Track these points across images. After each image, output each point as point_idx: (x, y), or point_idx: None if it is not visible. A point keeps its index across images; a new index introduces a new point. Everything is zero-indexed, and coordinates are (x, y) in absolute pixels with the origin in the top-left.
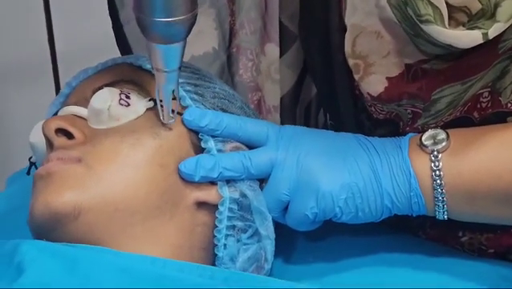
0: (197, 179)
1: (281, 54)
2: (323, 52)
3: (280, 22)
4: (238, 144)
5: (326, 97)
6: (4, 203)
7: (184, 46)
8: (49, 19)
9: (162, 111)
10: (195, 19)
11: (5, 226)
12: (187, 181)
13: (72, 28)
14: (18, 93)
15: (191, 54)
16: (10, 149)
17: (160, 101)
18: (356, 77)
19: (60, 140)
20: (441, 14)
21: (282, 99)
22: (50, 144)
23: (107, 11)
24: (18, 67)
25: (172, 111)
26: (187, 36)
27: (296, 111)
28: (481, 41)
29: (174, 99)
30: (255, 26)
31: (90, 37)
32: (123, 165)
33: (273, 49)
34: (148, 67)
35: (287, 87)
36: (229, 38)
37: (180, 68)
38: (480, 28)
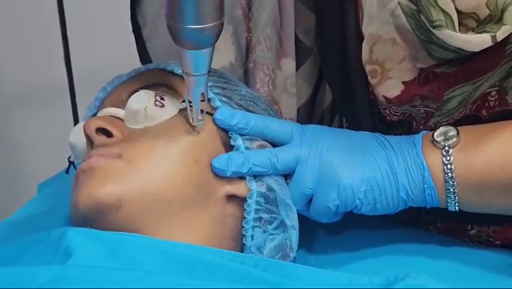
0: (228, 174)
1: (297, 68)
2: (341, 60)
3: (295, 37)
4: (264, 143)
5: (343, 102)
6: (38, 206)
7: (212, 52)
8: (66, 43)
9: (191, 113)
10: (222, 26)
11: (41, 226)
12: (219, 175)
13: (89, 52)
14: (35, 116)
15: None
16: (26, 172)
17: (190, 103)
18: (373, 82)
19: (100, 139)
20: (452, 20)
21: (298, 110)
22: (90, 143)
23: (123, 35)
24: (35, 90)
25: (202, 112)
26: (215, 42)
27: (311, 121)
28: (490, 43)
29: (203, 101)
30: (271, 42)
31: (106, 61)
32: (160, 160)
33: (289, 63)
34: (179, 71)
35: (303, 100)
36: (245, 53)
37: (208, 72)
38: (488, 32)
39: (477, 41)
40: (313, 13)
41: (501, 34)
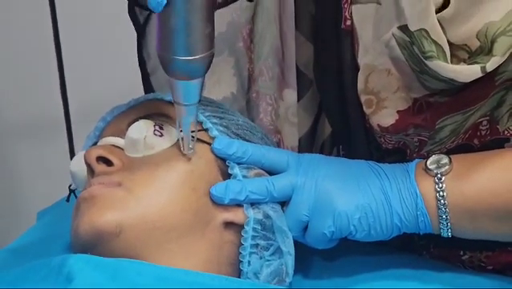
0: (226, 201)
1: (298, 99)
2: (337, 89)
3: (297, 69)
4: (261, 171)
5: (339, 131)
6: (37, 234)
7: (202, 82)
8: (62, 76)
9: (183, 141)
10: (212, 57)
11: (41, 254)
12: (217, 203)
13: (85, 85)
14: (32, 150)
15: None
16: (22, 205)
17: (181, 132)
18: (368, 111)
19: (100, 167)
20: (444, 52)
21: (299, 140)
22: (91, 171)
23: (119, 68)
24: (32, 124)
25: (193, 139)
26: (205, 73)
27: (312, 151)
28: (480, 74)
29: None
30: (273, 73)
31: (101, 94)
32: (159, 188)
33: (290, 94)
34: None
35: (304, 130)
36: (248, 83)
37: (199, 102)
38: (479, 63)
39: (468, 72)
40: (313, 44)
41: (490, 65)
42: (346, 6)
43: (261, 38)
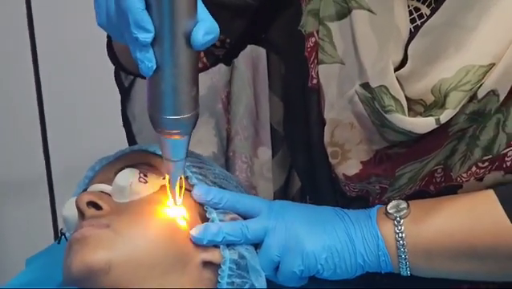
0: (204, 242)
1: (273, 156)
2: (305, 143)
3: (271, 127)
4: (236, 216)
5: (308, 182)
6: (28, 276)
7: (189, 140)
8: (45, 137)
9: (171, 194)
10: (197, 116)
11: None
12: (196, 243)
13: (67, 145)
14: (15, 210)
15: None
16: (5, 260)
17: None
18: (334, 162)
19: (90, 211)
20: (402, 106)
21: (274, 194)
22: (81, 215)
23: (102, 129)
24: (15, 184)
25: (180, 188)
26: (191, 131)
27: None
28: (435, 126)
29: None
30: (248, 133)
31: (83, 155)
32: (144, 230)
33: (265, 152)
34: (160, 152)
35: (278, 185)
36: (226, 143)
37: (186, 158)
38: (433, 115)
39: (424, 124)
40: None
41: (444, 118)
42: (312, 66)
43: (237, 99)
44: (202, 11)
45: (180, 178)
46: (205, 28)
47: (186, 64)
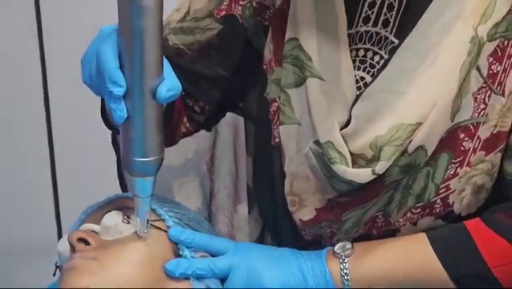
0: (176, 275)
1: (249, 212)
2: (269, 193)
3: (247, 187)
4: (206, 254)
5: (271, 227)
6: None
7: (155, 179)
8: (57, 203)
9: (140, 226)
10: (162, 160)
11: None
12: (169, 275)
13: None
14: (23, 268)
15: None
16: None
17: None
18: (292, 209)
19: (80, 246)
20: (346, 159)
21: None
22: (73, 249)
23: (105, 183)
24: (25, 242)
25: (148, 225)
26: (157, 172)
27: None
28: (372, 176)
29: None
30: (229, 191)
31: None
32: (125, 263)
33: (242, 208)
34: None
35: (255, 236)
36: (209, 199)
37: (151, 195)
38: (371, 167)
39: (363, 174)
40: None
41: (379, 169)
42: (275, 127)
43: (220, 162)
44: (167, 71)
45: (154, 214)
46: (168, 85)
47: (152, 115)
